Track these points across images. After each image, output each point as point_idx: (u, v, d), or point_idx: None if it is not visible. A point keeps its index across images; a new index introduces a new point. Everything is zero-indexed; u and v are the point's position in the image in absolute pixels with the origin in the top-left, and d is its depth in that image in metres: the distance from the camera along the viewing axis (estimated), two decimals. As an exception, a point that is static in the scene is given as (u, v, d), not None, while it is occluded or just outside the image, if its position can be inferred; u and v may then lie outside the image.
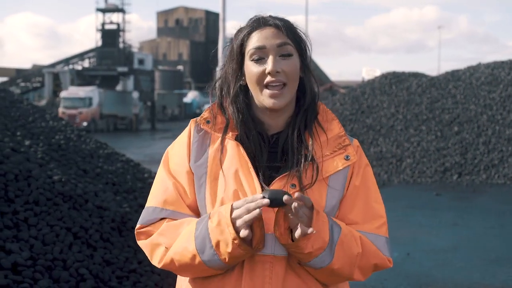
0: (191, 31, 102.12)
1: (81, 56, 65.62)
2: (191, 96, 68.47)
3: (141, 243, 2.22)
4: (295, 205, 1.96)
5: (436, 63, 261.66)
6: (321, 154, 2.20)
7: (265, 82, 2.16)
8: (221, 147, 2.19)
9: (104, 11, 62.57)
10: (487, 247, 9.44)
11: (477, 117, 18.27)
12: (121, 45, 62.50)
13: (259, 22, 2.20)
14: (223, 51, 2.36)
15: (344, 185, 2.22)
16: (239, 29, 2.25)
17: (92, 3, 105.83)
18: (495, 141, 17.15)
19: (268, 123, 2.24)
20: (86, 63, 65.33)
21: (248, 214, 1.98)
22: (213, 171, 2.17)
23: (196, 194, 2.20)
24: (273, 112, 2.21)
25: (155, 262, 2.18)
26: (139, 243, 2.23)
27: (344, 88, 45.99)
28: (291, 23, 2.23)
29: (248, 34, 2.19)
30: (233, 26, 2.29)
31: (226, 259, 2.05)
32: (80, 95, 46.09)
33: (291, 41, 2.18)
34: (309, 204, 2.03)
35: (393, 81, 22.02)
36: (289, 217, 2.03)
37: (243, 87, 2.24)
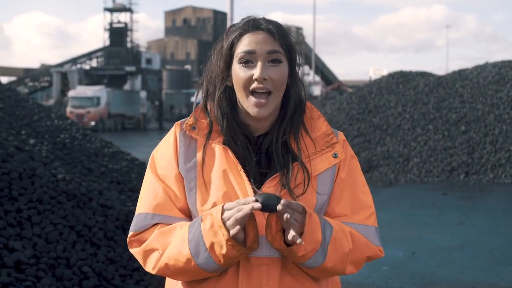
0: (199, 30, 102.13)
1: (89, 55, 65.79)
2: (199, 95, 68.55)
3: (134, 251, 2.19)
4: (287, 216, 1.96)
5: (444, 62, 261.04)
6: (308, 154, 2.20)
7: (251, 88, 2.13)
8: (204, 153, 2.17)
9: (112, 10, 62.69)
10: (492, 246, 9.41)
11: (484, 116, 18.22)
12: (129, 45, 62.63)
13: (251, 24, 2.16)
14: (212, 46, 2.32)
15: (332, 181, 2.22)
16: (231, 28, 2.22)
17: (100, 2, 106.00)
18: (502, 140, 17.10)
19: (253, 126, 2.22)
20: (94, 63, 65.49)
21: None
22: (203, 176, 2.15)
23: (187, 198, 2.18)
24: (258, 118, 2.20)
25: (149, 268, 2.15)
26: (132, 251, 2.20)
27: (351, 87, 45.97)
28: (284, 29, 2.20)
29: (239, 36, 2.16)
30: None
31: (221, 261, 2.04)
32: (88, 94, 46.17)
33: (282, 48, 2.15)
34: (299, 209, 2.02)
35: (400, 81, 22.00)
36: (281, 221, 2.02)
37: (229, 88, 2.22)
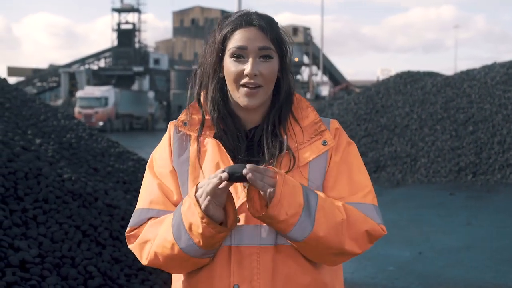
0: (207, 30, 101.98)
1: (97, 56, 65.93)
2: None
3: (131, 246, 2.24)
4: (249, 175, 1.96)
5: (453, 62, 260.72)
6: (296, 143, 2.22)
7: (241, 82, 2.18)
8: (198, 146, 2.22)
9: (119, 11, 62.81)
10: (500, 247, 9.38)
11: (492, 116, 18.15)
12: (137, 45, 62.75)
13: (244, 20, 2.20)
14: (204, 39, 2.37)
15: (325, 167, 2.23)
16: (224, 20, 2.26)
17: (108, 3, 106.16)
18: (510, 140, 17.03)
19: (244, 118, 2.27)
20: (102, 63, 65.63)
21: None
22: (195, 169, 2.20)
23: (181, 191, 2.22)
24: (248, 108, 2.23)
25: (143, 260, 2.19)
26: (130, 247, 2.25)
27: (359, 87, 45.93)
28: (275, 25, 2.24)
29: (231, 30, 2.20)
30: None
31: (200, 242, 2.05)
32: (96, 94, 46.26)
33: (273, 44, 2.20)
34: (269, 173, 2.01)
35: (408, 81, 21.96)
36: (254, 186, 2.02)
37: (221, 80, 2.26)
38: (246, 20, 2.20)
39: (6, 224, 4.72)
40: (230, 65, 2.19)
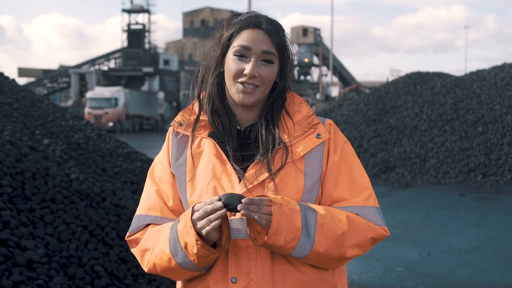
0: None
1: (107, 56, 66.02)
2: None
3: (133, 251, 2.31)
4: (243, 212, 2.01)
5: (463, 63, 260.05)
6: (289, 137, 2.24)
7: (240, 80, 2.22)
8: (193, 146, 2.26)
9: (129, 11, 62.89)
10: (509, 247, 9.35)
11: (501, 117, 18.10)
12: (147, 46, 62.77)
13: (253, 21, 2.24)
14: (211, 34, 2.40)
15: (321, 162, 2.25)
16: (233, 19, 2.30)
17: (118, 4, 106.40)
18: (520, 141, 17.00)
19: (240, 116, 2.30)
20: (112, 64, 65.71)
21: (206, 217, 2.03)
22: (192, 170, 2.24)
23: (179, 193, 2.27)
24: (243, 106, 2.26)
25: (144, 267, 2.26)
26: (132, 251, 2.32)
27: (369, 88, 45.86)
28: (282, 31, 2.28)
29: (239, 29, 2.24)
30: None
31: (195, 260, 2.10)
32: (106, 95, 46.35)
33: (276, 50, 2.24)
34: (265, 202, 2.05)
35: (417, 81, 21.92)
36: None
37: (221, 74, 2.30)
38: (255, 21, 2.24)
39: (13, 223, 4.74)
40: (231, 62, 2.22)
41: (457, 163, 17.07)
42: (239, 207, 1.99)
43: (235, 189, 2.15)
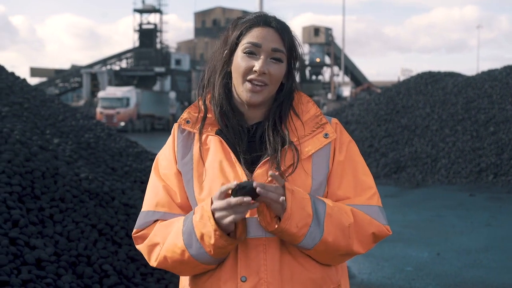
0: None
1: (118, 56, 66.15)
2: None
3: (139, 247, 2.28)
4: (262, 192, 2.00)
5: (476, 63, 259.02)
6: (298, 137, 2.25)
7: (249, 77, 2.21)
8: (200, 143, 2.26)
9: (141, 11, 62.98)
10: (519, 248, 9.33)
11: (513, 117, 18.05)
12: (158, 46, 62.85)
13: (262, 20, 2.25)
14: (218, 37, 2.42)
15: (328, 161, 2.27)
16: (240, 19, 2.31)
17: (130, 4, 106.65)
18: (531, 141, 16.95)
19: (246, 114, 2.30)
20: (123, 64, 65.84)
21: (230, 209, 2.02)
22: (199, 167, 2.23)
23: (186, 191, 2.25)
24: (250, 105, 2.27)
25: (152, 262, 2.24)
26: (138, 247, 2.29)
27: (381, 88, 45.80)
28: (291, 32, 2.29)
29: (249, 27, 2.24)
30: None
31: (211, 251, 2.09)
32: (117, 95, 46.42)
33: (285, 49, 2.24)
34: (278, 190, 2.06)
35: (429, 81, 21.87)
36: (271, 205, 2.07)
37: (227, 74, 2.30)
38: (265, 20, 2.25)
39: (22, 222, 4.76)
40: (241, 59, 2.22)
41: (468, 163, 17.02)
42: (255, 184, 1.99)
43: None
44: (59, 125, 8.44)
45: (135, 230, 2.29)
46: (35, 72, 67.40)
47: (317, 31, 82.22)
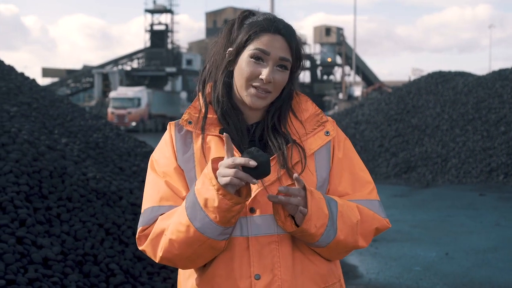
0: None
1: (130, 56, 66.28)
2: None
3: (143, 247, 2.21)
4: (284, 199, 2.04)
5: (488, 62, 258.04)
6: (299, 136, 2.27)
7: (254, 84, 2.21)
8: (202, 142, 2.24)
9: (152, 12, 63.09)
10: (528, 248, 9.29)
11: (524, 116, 17.99)
12: (170, 46, 62.94)
13: (272, 26, 2.23)
14: (220, 29, 2.41)
15: (329, 158, 2.30)
16: (247, 18, 2.30)
17: (142, 4, 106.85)
18: (542, 141, 16.89)
19: (246, 114, 2.30)
20: (135, 64, 65.95)
21: (233, 168, 1.99)
22: (202, 165, 2.21)
23: (189, 187, 2.22)
24: (253, 108, 2.27)
25: (158, 253, 2.16)
26: (141, 248, 2.22)
27: (392, 88, 45.69)
28: (298, 38, 2.28)
29: (259, 31, 2.22)
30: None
31: (216, 217, 2.04)
32: (129, 95, 46.47)
33: (292, 58, 2.24)
34: (301, 185, 2.08)
35: (439, 81, 21.82)
36: (288, 206, 2.09)
37: (229, 73, 2.30)
38: (275, 26, 2.22)
39: (29, 222, 4.80)
40: (246, 64, 2.21)
41: (479, 163, 16.98)
42: (280, 195, 2.04)
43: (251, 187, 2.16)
44: (68, 125, 8.47)
45: (140, 228, 2.21)
46: (47, 72, 67.60)
47: (328, 31, 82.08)
